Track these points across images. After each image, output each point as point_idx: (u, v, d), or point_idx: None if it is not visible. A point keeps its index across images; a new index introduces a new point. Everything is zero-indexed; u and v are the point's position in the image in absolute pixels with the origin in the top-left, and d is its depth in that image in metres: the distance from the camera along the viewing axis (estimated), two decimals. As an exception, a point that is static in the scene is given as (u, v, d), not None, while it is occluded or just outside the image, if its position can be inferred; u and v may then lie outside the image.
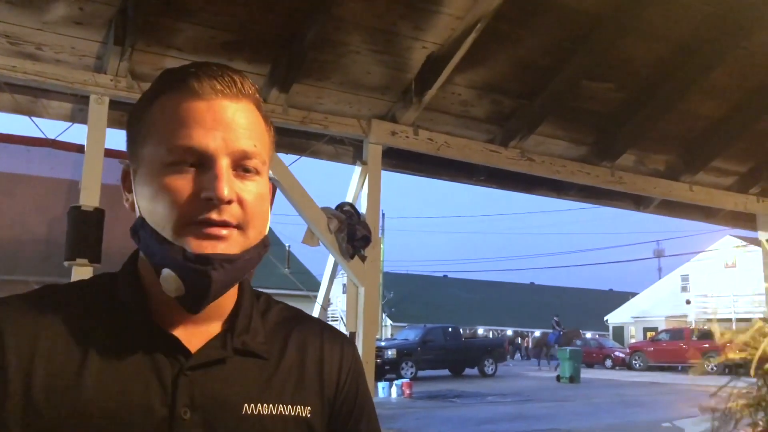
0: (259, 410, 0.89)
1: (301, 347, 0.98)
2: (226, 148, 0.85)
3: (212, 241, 0.83)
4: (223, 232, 0.84)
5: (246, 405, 0.88)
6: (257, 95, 0.92)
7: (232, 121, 0.86)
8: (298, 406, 0.92)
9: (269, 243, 0.93)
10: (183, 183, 0.84)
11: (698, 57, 4.13)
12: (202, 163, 0.84)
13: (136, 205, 0.89)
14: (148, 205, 0.86)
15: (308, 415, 0.93)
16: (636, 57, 4.15)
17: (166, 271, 0.84)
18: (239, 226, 0.85)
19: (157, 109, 0.88)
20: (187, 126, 0.84)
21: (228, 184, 0.83)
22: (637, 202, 5.51)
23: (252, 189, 0.87)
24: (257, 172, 0.88)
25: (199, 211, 0.83)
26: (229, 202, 0.84)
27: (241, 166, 0.87)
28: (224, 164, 0.84)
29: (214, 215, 0.83)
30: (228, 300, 0.94)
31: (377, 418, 1.06)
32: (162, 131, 0.86)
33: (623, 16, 3.75)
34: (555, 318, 32.55)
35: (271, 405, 0.90)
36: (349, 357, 1.03)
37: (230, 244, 0.85)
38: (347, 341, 1.05)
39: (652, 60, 4.19)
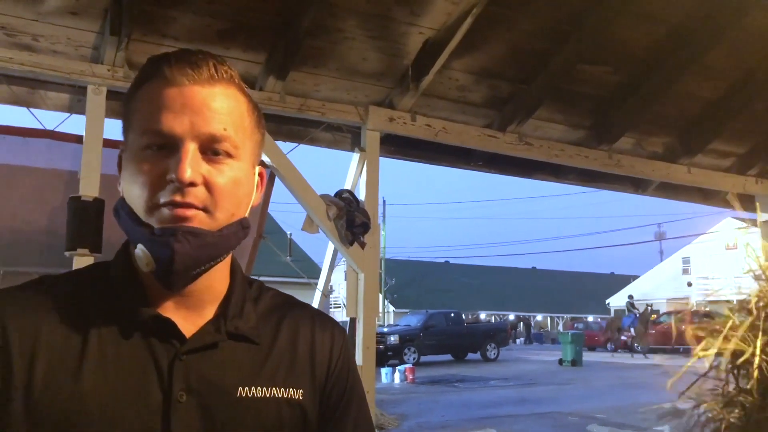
0: (253, 393, 0.92)
1: (293, 332, 1.01)
2: (193, 131, 0.87)
3: (177, 222, 0.86)
4: (188, 213, 0.86)
5: (240, 388, 0.91)
6: (236, 79, 0.93)
7: (202, 105, 0.88)
8: (291, 389, 0.95)
9: (248, 225, 0.95)
10: (152, 166, 0.87)
11: (694, 38, 4.12)
12: (170, 146, 0.87)
13: (121, 188, 0.93)
14: (127, 186, 0.90)
15: (300, 398, 0.96)
16: (632, 39, 4.14)
17: (138, 247, 0.86)
18: (206, 209, 0.87)
19: (138, 97, 0.91)
20: (158, 111, 0.87)
21: (192, 167, 0.85)
22: (636, 184, 5.52)
23: (223, 173, 0.89)
24: (229, 156, 0.90)
25: (164, 193, 0.86)
26: (193, 185, 0.86)
27: (211, 150, 0.88)
28: (191, 148, 0.86)
29: (177, 197, 0.85)
30: (220, 285, 0.97)
31: (367, 401, 1.09)
32: (140, 118, 0.89)
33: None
34: (629, 299, 28.55)
35: (264, 388, 0.93)
36: (339, 342, 1.05)
37: (195, 224, 0.87)
38: (337, 327, 1.08)
39: (648, 42, 4.19)
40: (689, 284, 36.16)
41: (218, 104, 0.89)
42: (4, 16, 3.05)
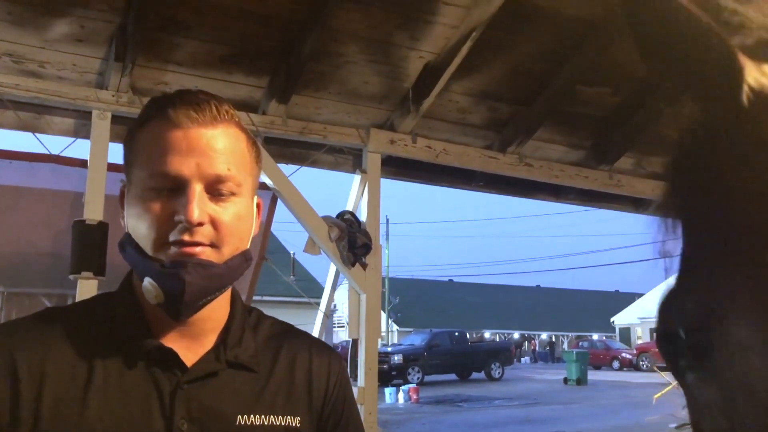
0: (251, 421, 0.94)
1: (291, 361, 1.04)
2: (199, 173, 0.90)
3: (186, 258, 0.89)
4: (197, 249, 0.90)
5: (240, 416, 0.94)
6: (235, 117, 0.97)
7: (207, 147, 0.91)
8: (289, 417, 0.98)
9: (251, 257, 0.99)
10: (160, 206, 0.90)
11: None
12: (178, 187, 0.90)
13: (125, 222, 0.96)
14: (133, 223, 0.93)
15: (298, 425, 0.98)
16: (630, 61, 4.16)
17: (146, 280, 0.90)
18: (213, 245, 0.91)
19: (142, 137, 0.94)
20: (164, 153, 0.90)
21: (199, 208, 0.89)
22: (636, 204, 5.53)
23: (228, 210, 0.93)
24: (233, 194, 0.94)
25: (173, 233, 0.89)
26: (200, 224, 0.89)
27: (216, 190, 0.92)
28: (197, 189, 0.90)
29: (186, 237, 0.89)
30: (220, 314, 1.00)
31: (363, 428, 1.12)
32: (145, 158, 0.93)
33: (615, 21, 3.79)
34: None
35: (263, 416, 0.95)
36: (336, 370, 1.08)
37: (203, 258, 0.90)
38: (334, 355, 1.11)
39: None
40: (694, 302, 35.93)
41: (221, 145, 0.93)
42: (12, 43, 3.11)
